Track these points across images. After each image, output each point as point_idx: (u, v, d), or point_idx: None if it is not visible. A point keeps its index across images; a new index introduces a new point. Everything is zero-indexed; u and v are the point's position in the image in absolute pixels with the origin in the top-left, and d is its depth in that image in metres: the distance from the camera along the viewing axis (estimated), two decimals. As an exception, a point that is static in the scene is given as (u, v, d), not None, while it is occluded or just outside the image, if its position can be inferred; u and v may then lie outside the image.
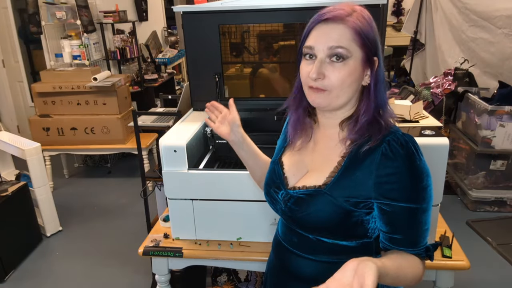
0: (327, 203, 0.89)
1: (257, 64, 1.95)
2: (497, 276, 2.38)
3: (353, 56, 0.85)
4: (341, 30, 0.84)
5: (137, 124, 2.33)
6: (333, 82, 0.85)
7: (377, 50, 0.88)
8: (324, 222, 0.91)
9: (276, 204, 1.01)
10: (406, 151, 0.85)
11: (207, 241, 1.58)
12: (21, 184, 2.74)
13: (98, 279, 2.51)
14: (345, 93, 0.87)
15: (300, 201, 0.94)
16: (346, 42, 0.84)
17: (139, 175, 2.53)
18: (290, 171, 1.01)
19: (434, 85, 3.65)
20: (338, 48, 0.84)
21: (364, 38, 0.85)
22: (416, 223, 0.87)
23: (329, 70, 0.85)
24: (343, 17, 0.84)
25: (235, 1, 1.67)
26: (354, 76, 0.86)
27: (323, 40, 0.85)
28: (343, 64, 0.84)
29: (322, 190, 0.90)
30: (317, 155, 0.98)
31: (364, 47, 0.85)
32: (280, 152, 1.07)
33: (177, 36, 5.69)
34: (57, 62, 4.03)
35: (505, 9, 3.56)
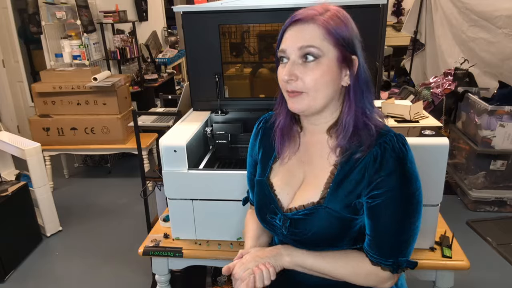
0: (328, 217, 0.87)
1: (257, 64, 1.95)
2: (497, 276, 2.38)
3: (326, 56, 0.82)
4: (311, 29, 0.82)
5: (137, 124, 2.33)
6: (306, 83, 0.83)
7: (355, 49, 0.85)
8: (329, 236, 0.89)
9: (276, 230, 0.96)
10: (397, 154, 0.84)
11: (207, 241, 1.58)
12: (21, 184, 2.74)
13: (98, 279, 2.51)
14: (322, 94, 0.84)
15: (301, 223, 0.90)
16: (317, 41, 0.82)
17: (139, 175, 2.53)
18: (283, 191, 0.96)
19: (434, 85, 3.65)
20: (308, 47, 0.82)
21: (336, 36, 0.82)
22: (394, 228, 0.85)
23: (301, 71, 0.83)
24: (313, 17, 0.83)
25: (235, 1, 1.67)
26: (329, 75, 0.83)
27: (294, 41, 0.83)
28: (316, 64, 0.82)
29: (322, 205, 0.88)
30: (307, 167, 0.94)
31: (338, 45, 0.83)
32: (267, 171, 1.01)
33: (177, 36, 5.69)
34: (57, 62, 4.03)
35: (505, 9, 3.56)
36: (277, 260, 0.92)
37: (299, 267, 0.92)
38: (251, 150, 1.10)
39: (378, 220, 0.85)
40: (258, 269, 0.89)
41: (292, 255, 0.92)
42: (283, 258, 0.92)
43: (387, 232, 0.85)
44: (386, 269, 0.87)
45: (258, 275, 0.89)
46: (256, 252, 0.96)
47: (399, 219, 0.85)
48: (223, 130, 1.81)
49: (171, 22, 6.03)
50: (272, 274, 0.89)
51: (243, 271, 0.91)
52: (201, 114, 1.80)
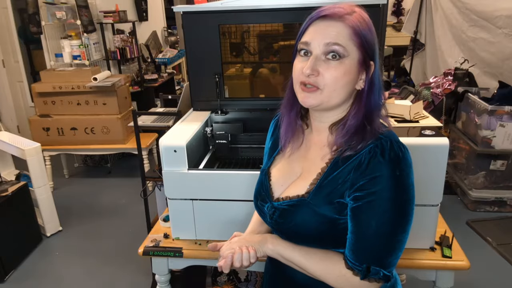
0: (311, 213, 0.87)
1: (257, 64, 1.95)
2: (497, 276, 2.38)
3: (349, 56, 0.82)
4: (339, 27, 0.82)
5: (137, 124, 2.33)
6: (326, 81, 0.82)
7: (374, 54, 0.85)
8: (311, 232, 0.88)
9: (264, 217, 0.99)
10: (386, 160, 0.81)
11: (207, 241, 1.58)
12: (21, 184, 2.74)
13: (98, 279, 2.51)
14: (338, 94, 0.84)
15: (284, 213, 0.91)
16: (344, 40, 0.81)
17: (139, 175, 2.53)
18: (277, 182, 0.97)
19: (434, 85, 3.65)
20: (335, 45, 0.81)
21: (362, 39, 0.82)
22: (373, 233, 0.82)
23: (323, 67, 0.82)
24: (342, 15, 0.82)
25: (235, 1, 1.67)
26: (349, 76, 0.83)
27: (320, 36, 0.82)
28: (339, 63, 0.82)
29: (306, 200, 0.88)
30: (306, 162, 0.95)
31: (362, 48, 0.83)
32: (270, 161, 1.03)
33: (177, 36, 5.69)
34: (57, 62, 4.03)
35: (505, 9, 3.56)
36: (261, 246, 0.95)
37: (280, 257, 0.94)
38: (267, 142, 1.12)
39: (357, 222, 0.83)
40: (239, 250, 0.93)
41: (275, 244, 0.94)
42: (267, 245, 0.94)
43: (365, 236, 0.83)
44: (357, 274, 0.84)
45: (237, 254, 0.92)
46: (246, 236, 1.02)
47: (379, 225, 0.81)
48: (223, 130, 1.81)
49: (171, 22, 6.03)
50: (252, 257, 0.92)
51: (228, 250, 0.95)
52: (201, 114, 1.80)
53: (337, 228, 0.87)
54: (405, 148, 0.84)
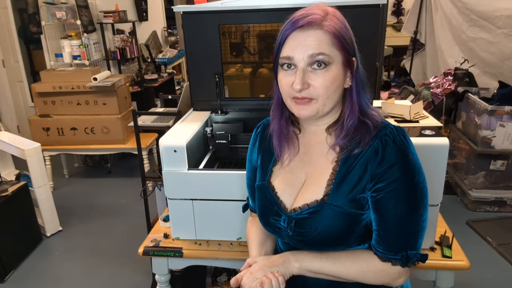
0: (333, 214, 0.86)
1: (257, 64, 1.95)
2: (497, 276, 2.38)
3: (334, 61, 0.83)
4: (319, 35, 0.81)
5: (137, 124, 2.33)
6: (318, 90, 0.83)
7: (355, 50, 0.87)
8: (337, 234, 0.87)
9: (281, 232, 0.95)
10: (398, 146, 0.84)
11: (207, 241, 1.58)
12: (21, 184, 2.74)
13: (98, 279, 2.51)
14: (331, 100, 0.85)
15: (306, 222, 0.89)
16: (326, 47, 0.81)
17: (139, 175, 2.53)
18: (285, 193, 0.95)
19: (434, 85, 3.65)
20: (319, 55, 0.81)
21: (342, 40, 0.83)
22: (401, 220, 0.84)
23: (312, 78, 0.83)
24: (319, 22, 0.81)
25: (235, 1, 1.67)
26: (337, 81, 0.84)
27: (302, 48, 0.81)
28: (326, 71, 0.82)
29: (326, 203, 0.87)
30: (308, 166, 0.94)
31: (343, 49, 0.83)
32: (267, 174, 1.00)
33: (177, 36, 5.69)
34: (57, 62, 4.03)
35: (505, 9, 3.57)
36: (286, 267, 0.91)
37: (309, 272, 0.91)
38: (250, 155, 1.09)
39: (383, 213, 0.85)
40: (267, 279, 0.87)
41: (299, 260, 0.91)
42: (292, 265, 0.91)
43: (394, 225, 0.84)
44: (396, 263, 0.86)
45: (267, 284, 0.87)
46: (264, 261, 0.94)
47: (405, 211, 0.84)
48: (223, 130, 1.81)
49: (171, 22, 6.03)
50: (281, 283, 0.88)
51: (252, 281, 0.89)
52: (201, 114, 1.80)
53: (360, 224, 0.87)
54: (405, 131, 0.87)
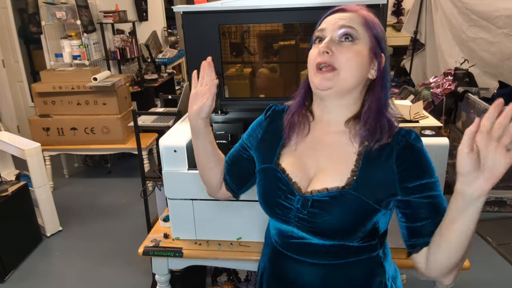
0: (352, 203, 0.87)
1: (257, 64, 1.95)
2: (497, 276, 2.38)
3: (361, 40, 0.87)
4: (352, 15, 0.89)
5: (137, 124, 2.33)
6: (340, 60, 0.86)
7: (384, 48, 0.91)
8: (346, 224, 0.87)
9: (289, 213, 0.92)
10: (418, 144, 0.88)
11: (207, 241, 1.58)
12: (21, 184, 2.74)
13: (98, 279, 2.51)
14: (351, 74, 0.87)
15: (323, 204, 0.88)
16: (356, 24, 0.87)
17: (139, 175, 2.53)
18: (296, 176, 0.93)
19: (434, 85, 3.65)
20: (347, 28, 0.86)
21: (373, 30, 0.89)
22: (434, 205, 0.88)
23: (337, 48, 0.86)
24: (356, 10, 0.90)
25: (235, 1, 1.67)
26: (361, 58, 0.87)
27: (334, 21, 0.88)
28: (352, 44, 0.86)
29: (348, 191, 0.87)
30: (321, 155, 0.93)
31: (373, 35, 0.88)
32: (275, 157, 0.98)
33: (177, 36, 5.69)
34: (57, 62, 4.03)
35: (505, 9, 3.57)
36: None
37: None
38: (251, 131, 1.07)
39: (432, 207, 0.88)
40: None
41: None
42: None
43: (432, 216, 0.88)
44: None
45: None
46: None
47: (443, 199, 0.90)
48: (223, 130, 1.81)
49: (171, 22, 6.03)
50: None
51: None
52: (201, 114, 1.80)
53: (372, 220, 0.88)
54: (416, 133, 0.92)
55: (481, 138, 0.72)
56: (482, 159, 0.73)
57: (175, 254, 1.53)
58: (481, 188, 0.75)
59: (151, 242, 1.59)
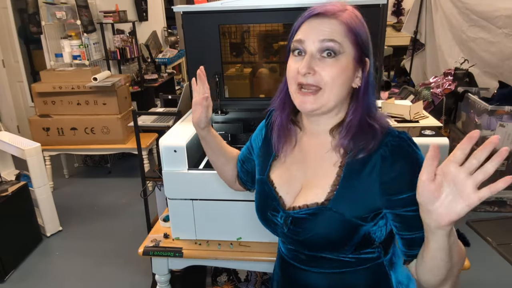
0: (333, 220, 0.83)
1: (257, 64, 1.95)
2: (497, 276, 2.38)
3: (345, 53, 0.80)
4: (333, 24, 0.80)
5: (137, 124, 2.33)
6: (324, 79, 0.79)
7: (369, 52, 0.84)
8: (331, 239, 0.84)
9: (277, 228, 0.92)
10: (405, 151, 0.81)
11: (207, 241, 1.58)
12: (21, 184, 2.74)
13: (98, 279, 2.51)
14: (336, 93, 0.81)
15: (303, 222, 0.86)
16: (339, 36, 0.79)
17: (139, 175, 2.53)
18: (282, 190, 0.92)
19: (434, 85, 3.65)
20: (330, 41, 0.79)
21: (357, 36, 0.81)
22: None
23: (319, 66, 0.80)
24: (336, 12, 0.81)
25: (235, 1, 1.67)
26: (346, 74, 0.81)
27: (314, 33, 0.80)
28: (335, 60, 0.79)
29: (326, 207, 0.83)
30: (309, 168, 0.90)
31: (356, 44, 0.81)
32: (267, 169, 0.97)
33: (177, 36, 5.69)
34: (57, 62, 4.03)
35: (505, 9, 3.57)
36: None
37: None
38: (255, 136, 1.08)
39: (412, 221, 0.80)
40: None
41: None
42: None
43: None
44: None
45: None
46: None
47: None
48: (223, 130, 1.81)
49: (171, 22, 6.03)
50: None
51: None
52: (201, 114, 1.80)
53: (359, 234, 0.84)
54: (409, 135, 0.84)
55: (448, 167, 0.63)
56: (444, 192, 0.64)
57: (175, 254, 1.53)
58: (437, 221, 0.66)
59: (151, 242, 1.59)
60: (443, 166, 0.63)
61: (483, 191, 0.60)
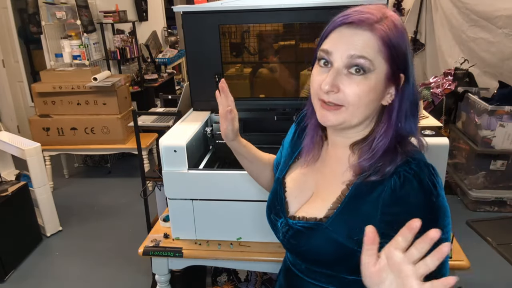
0: (328, 239, 0.78)
1: (257, 64, 1.95)
2: (497, 276, 2.38)
3: (376, 70, 0.71)
4: (366, 37, 0.71)
5: (137, 124, 2.33)
6: (348, 98, 0.72)
7: (406, 66, 0.74)
8: (325, 258, 0.80)
9: (276, 233, 0.91)
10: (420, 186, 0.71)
11: (207, 241, 1.58)
12: (21, 184, 2.74)
13: (98, 279, 2.51)
14: (361, 112, 0.74)
15: (298, 234, 0.83)
16: (371, 52, 0.71)
17: (139, 175, 2.53)
18: (292, 194, 0.89)
19: (434, 85, 3.65)
20: (360, 58, 0.70)
21: (392, 50, 0.71)
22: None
23: (345, 83, 0.72)
24: (372, 23, 0.71)
25: (235, 1, 1.66)
26: (374, 93, 0.73)
27: (344, 45, 0.72)
28: (363, 78, 0.71)
29: (323, 225, 0.78)
30: (321, 177, 0.86)
31: (391, 61, 0.72)
32: (285, 170, 0.95)
33: (177, 36, 5.69)
34: (57, 62, 4.03)
35: (505, 9, 3.56)
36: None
37: None
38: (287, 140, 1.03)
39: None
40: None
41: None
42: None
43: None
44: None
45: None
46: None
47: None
48: (223, 130, 1.80)
49: (171, 22, 6.03)
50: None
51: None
52: (201, 114, 1.80)
53: (354, 259, 0.75)
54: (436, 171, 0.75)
55: (392, 253, 0.56)
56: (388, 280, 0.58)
57: (175, 254, 1.53)
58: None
59: (151, 242, 1.59)
60: (386, 250, 0.58)
61: (427, 285, 0.54)
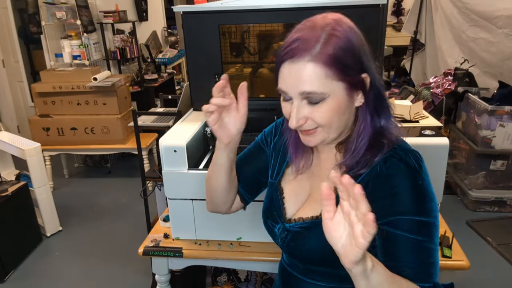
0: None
1: (257, 64, 1.95)
2: (497, 276, 2.38)
3: (332, 94, 0.74)
4: (310, 69, 0.72)
5: (137, 124, 2.33)
6: (319, 121, 0.76)
7: (364, 67, 0.75)
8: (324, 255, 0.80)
9: (274, 238, 0.92)
10: (406, 169, 0.75)
11: (207, 241, 1.58)
12: (21, 184, 2.74)
13: (98, 279, 2.51)
14: (336, 128, 0.78)
15: (297, 236, 0.85)
16: (319, 83, 0.72)
17: (139, 175, 2.53)
18: (290, 200, 0.91)
19: (434, 85, 3.65)
20: (309, 93, 0.73)
21: (341, 66, 0.72)
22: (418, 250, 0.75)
23: (310, 110, 0.76)
24: (310, 49, 0.71)
25: (235, 1, 1.66)
26: (340, 109, 0.76)
27: (293, 83, 0.74)
28: (324, 104, 0.75)
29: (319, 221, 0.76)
30: (316, 179, 0.89)
31: (344, 76, 0.73)
32: (279, 175, 0.95)
33: (177, 36, 5.69)
34: (57, 62, 4.03)
35: (505, 9, 3.56)
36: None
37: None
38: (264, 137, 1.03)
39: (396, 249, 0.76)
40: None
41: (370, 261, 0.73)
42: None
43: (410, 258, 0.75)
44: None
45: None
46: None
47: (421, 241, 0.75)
48: (223, 130, 1.80)
49: (171, 22, 6.03)
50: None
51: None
52: (201, 114, 1.80)
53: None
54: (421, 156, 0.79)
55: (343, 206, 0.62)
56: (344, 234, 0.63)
57: (175, 254, 1.53)
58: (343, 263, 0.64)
59: (151, 242, 1.59)
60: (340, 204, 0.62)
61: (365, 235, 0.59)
